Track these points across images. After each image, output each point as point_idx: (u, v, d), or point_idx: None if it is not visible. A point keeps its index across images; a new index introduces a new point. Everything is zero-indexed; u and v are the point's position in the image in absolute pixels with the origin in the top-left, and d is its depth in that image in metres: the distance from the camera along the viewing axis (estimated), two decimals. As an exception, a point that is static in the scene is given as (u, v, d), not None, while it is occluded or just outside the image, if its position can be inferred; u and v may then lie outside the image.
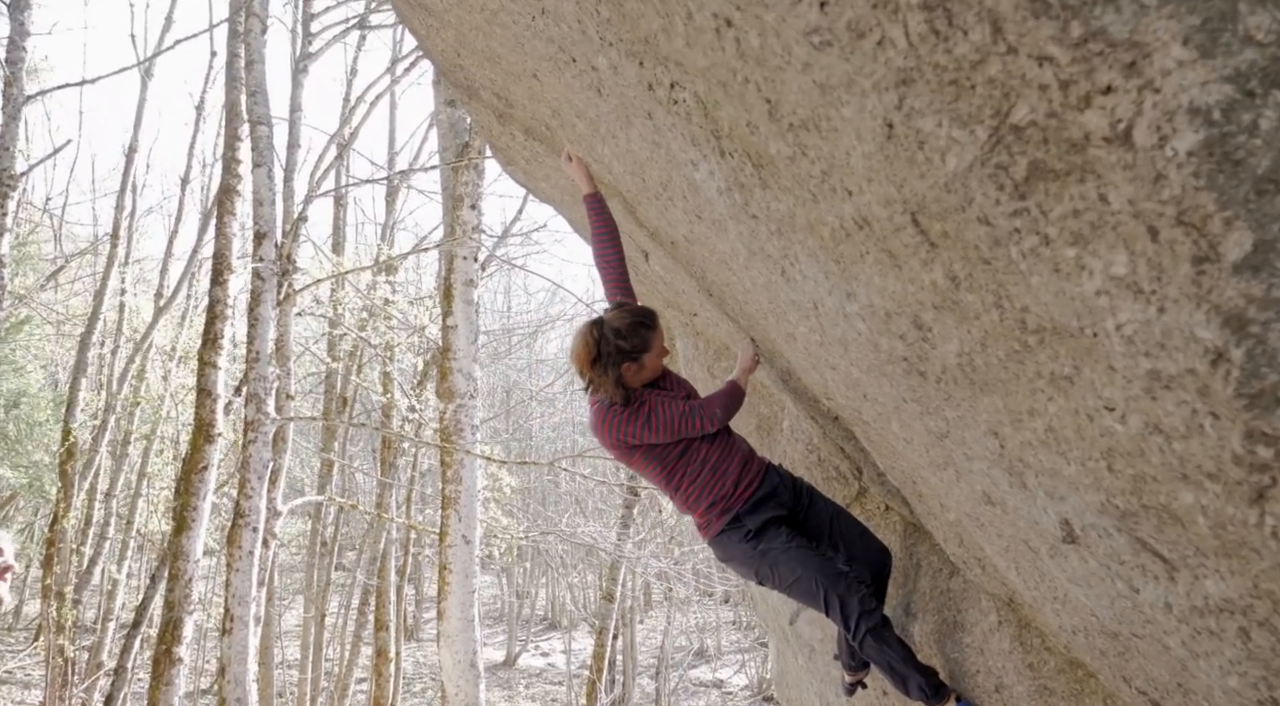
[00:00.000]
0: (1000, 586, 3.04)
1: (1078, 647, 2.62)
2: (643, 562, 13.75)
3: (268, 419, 8.84)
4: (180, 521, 9.34)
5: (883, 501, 3.88)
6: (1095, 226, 1.05)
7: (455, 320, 10.23)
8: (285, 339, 9.67)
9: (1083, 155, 1.00)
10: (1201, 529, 1.30)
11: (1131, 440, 1.26)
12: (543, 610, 31.61)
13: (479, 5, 2.86)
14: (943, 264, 1.31)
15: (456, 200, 10.37)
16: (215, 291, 9.84)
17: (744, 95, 1.42)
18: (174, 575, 9.14)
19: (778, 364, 3.32)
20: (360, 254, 15.91)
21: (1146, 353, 1.09)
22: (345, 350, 14.81)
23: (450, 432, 9.93)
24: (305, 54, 10.42)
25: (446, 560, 9.94)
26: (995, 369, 1.42)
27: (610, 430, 2.90)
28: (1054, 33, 0.92)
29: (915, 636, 3.71)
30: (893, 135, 1.17)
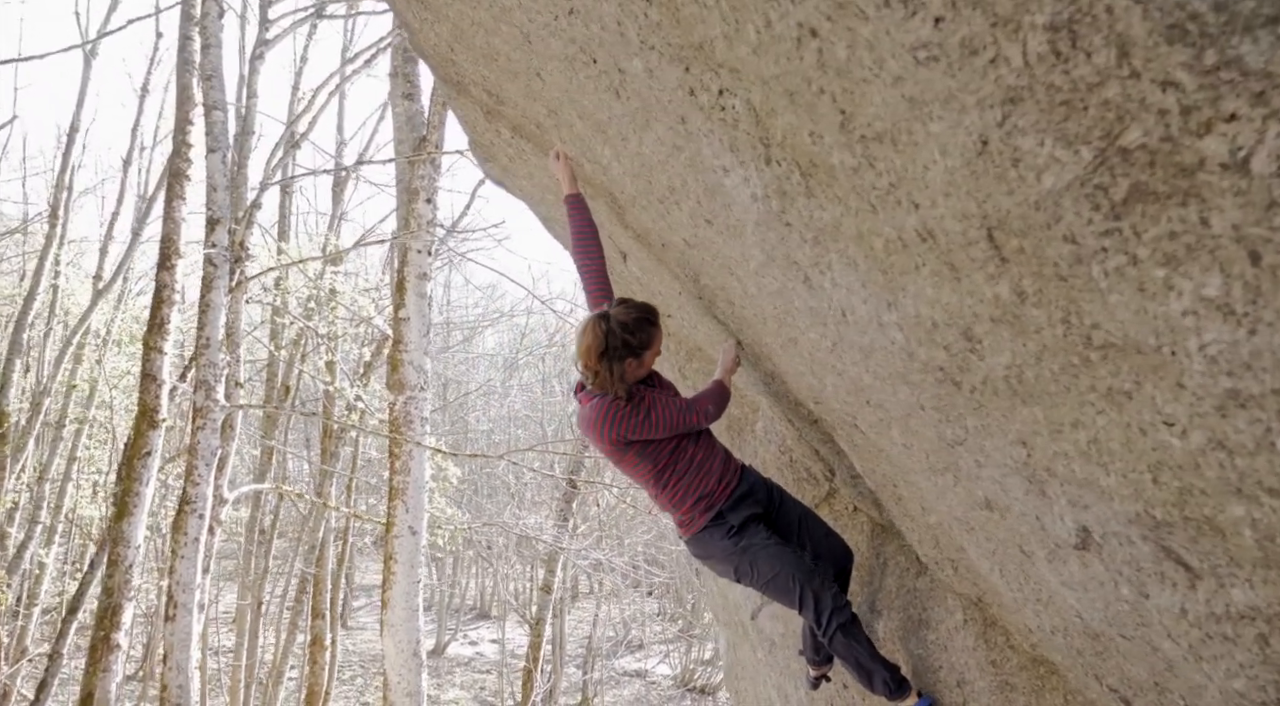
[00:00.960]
0: (971, 587, 3.09)
1: (1051, 647, 2.67)
2: (581, 554, 13.71)
3: (217, 406, 8.59)
4: (121, 506, 9.03)
5: (851, 503, 3.91)
6: (1191, 249, 1.06)
7: (408, 313, 10.06)
8: (236, 326, 9.41)
9: (1191, 179, 1.01)
10: (1246, 541, 1.32)
11: (1188, 455, 1.28)
12: (473, 600, 31.38)
13: (488, 2, 2.80)
14: (1011, 279, 1.31)
15: (412, 193, 10.19)
16: (162, 276, 9.52)
17: (815, 105, 1.41)
18: (113, 560, 8.84)
19: (762, 367, 3.32)
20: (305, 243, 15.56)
21: (1229, 372, 1.10)
22: (289, 338, 14.47)
23: (400, 424, 9.77)
24: (262, 41, 10.15)
25: (392, 550, 9.78)
26: (1046, 382, 1.43)
27: (610, 426, 2.86)
28: (1186, 59, 0.93)
29: (880, 633, 3.75)
30: (985, 151, 1.16)
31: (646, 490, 3.16)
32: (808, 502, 4.11)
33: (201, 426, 8.63)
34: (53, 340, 18.12)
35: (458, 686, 22.52)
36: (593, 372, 2.86)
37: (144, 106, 16.55)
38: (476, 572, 31.43)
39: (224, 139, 9.38)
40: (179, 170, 9.90)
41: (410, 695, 9.53)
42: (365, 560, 32.56)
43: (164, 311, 9.38)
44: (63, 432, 15.39)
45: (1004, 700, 3.20)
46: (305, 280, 12.56)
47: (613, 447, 2.94)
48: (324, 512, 14.94)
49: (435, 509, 12.70)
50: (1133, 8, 0.92)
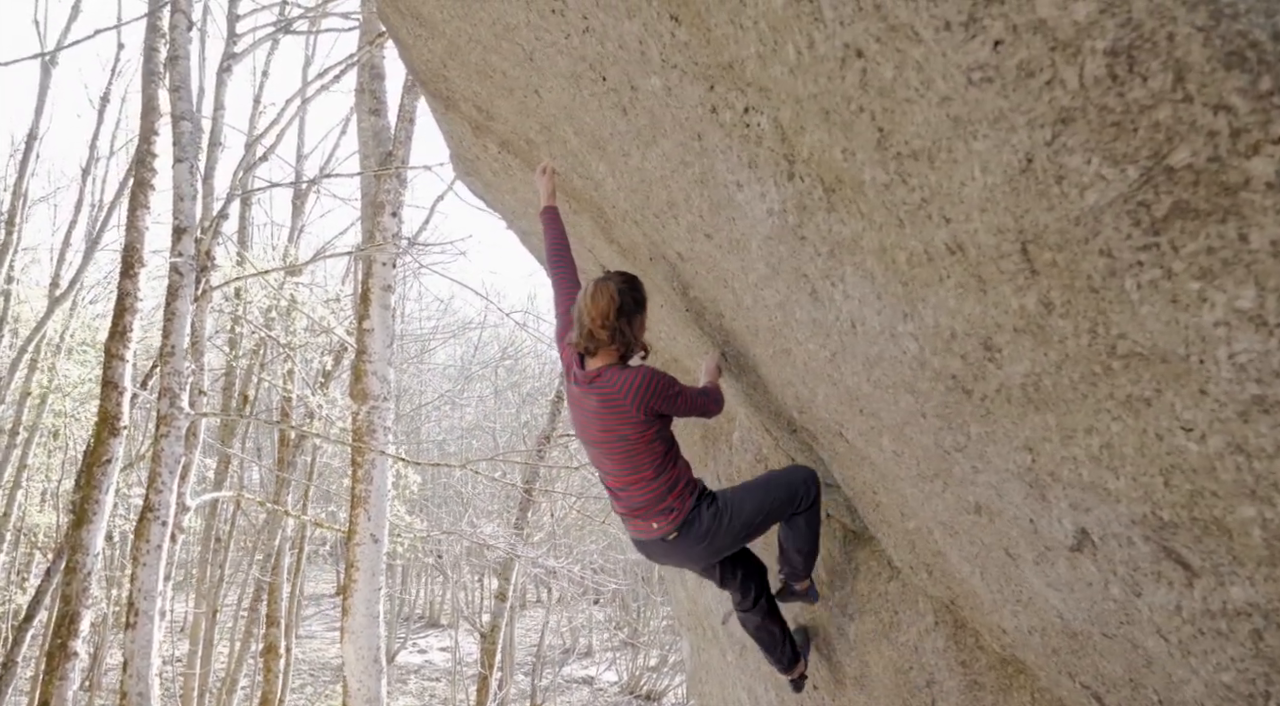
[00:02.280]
0: (945, 590, 3.13)
1: (1025, 646, 2.72)
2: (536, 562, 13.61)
3: (181, 413, 8.39)
4: (80, 514, 8.76)
5: (824, 510, 3.95)
6: (1228, 263, 1.10)
7: (372, 324, 9.96)
8: (200, 335, 9.21)
9: (1233, 197, 1.05)
10: (1254, 540, 1.37)
11: (1204, 458, 1.32)
12: (422, 609, 30.98)
13: (491, 20, 2.80)
14: (1039, 291, 1.34)
15: (377, 207, 10.10)
16: (125, 284, 9.29)
17: (852, 124, 1.43)
18: (71, 568, 8.57)
19: (746, 378, 3.34)
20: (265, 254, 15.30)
21: (1258, 379, 1.14)
22: (248, 348, 14.19)
23: (364, 433, 9.64)
24: (230, 54, 9.98)
25: (354, 558, 9.63)
26: (1064, 390, 1.46)
27: (649, 392, 2.82)
28: (1242, 84, 0.96)
29: (851, 636, 3.79)
30: (1029, 169, 1.19)
31: (641, 478, 3.01)
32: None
33: (165, 434, 8.41)
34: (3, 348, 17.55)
35: (410, 694, 22.19)
36: (610, 332, 2.81)
37: (103, 116, 16.15)
38: (426, 582, 31.04)
39: (191, 150, 9.20)
40: (143, 180, 9.68)
41: (370, 701, 9.37)
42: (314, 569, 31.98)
43: (126, 319, 9.15)
44: (15, 441, 14.89)
45: (972, 699, 3.25)
46: (266, 290, 12.34)
47: (642, 420, 2.87)
48: (281, 521, 14.65)
49: (395, 516, 12.53)
50: (1194, 35, 0.96)
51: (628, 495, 3.03)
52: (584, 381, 2.90)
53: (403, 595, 28.96)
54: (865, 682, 3.79)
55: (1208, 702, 1.87)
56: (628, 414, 2.84)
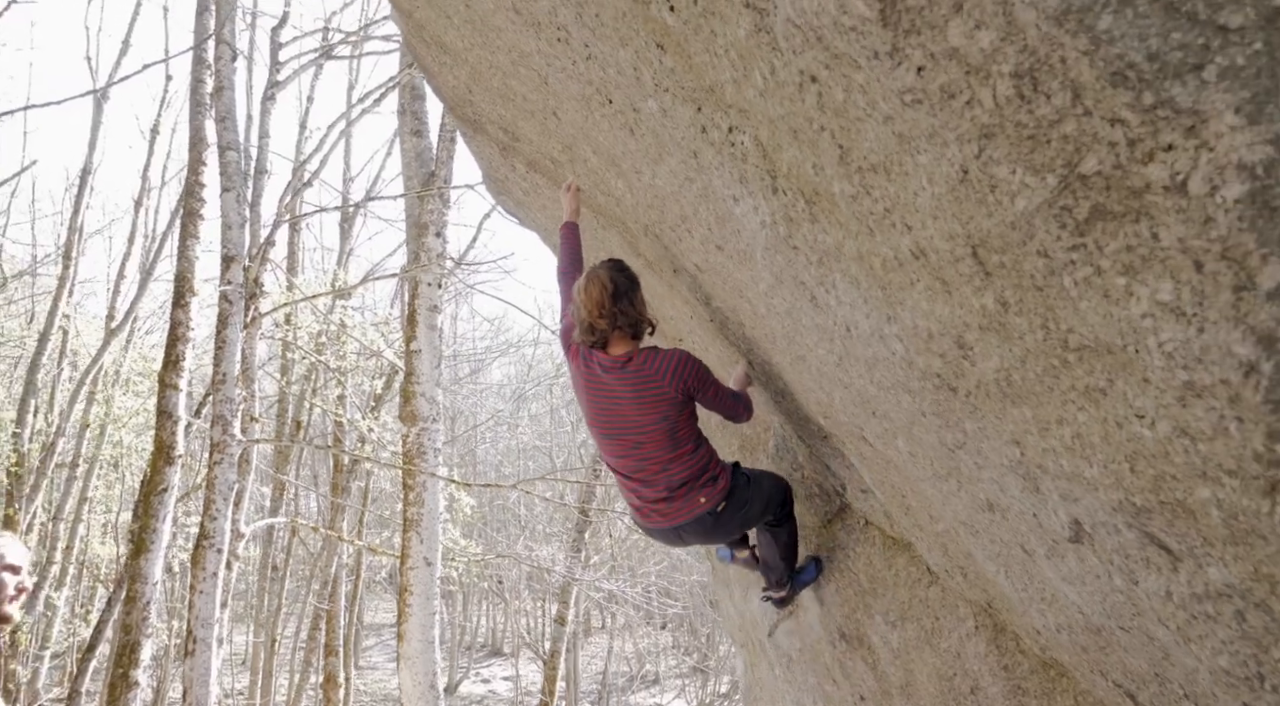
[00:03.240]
0: (980, 592, 3.24)
1: (1057, 646, 2.82)
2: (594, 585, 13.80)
3: (233, 440, 8.77)
4: (139, 544, 9.20)
5: (862, 517, 4.07)
6: (1146, 259, 1.24)
7: (419, 345, 10.27)
8: (251, 361, 9.62)
9: (1140, 200, 1.19)
10: (1214, 520, 1.49)
11: (1158, 443, 1.45)
12: (484, 637, 31.33)
13: (507, 48, 3.01)
14: (995, 291, 1.49)
15: (421, 227, 10.45)
16: (177, 313, 9.76)
17: (816, 142, 1.59)
18: (131, 597, 8.99)
19: (773, 385, 3.49)
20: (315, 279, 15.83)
21: (1185, 366, 1.27)
22: (300, 373, 14.69)
23: (414, 455, 9.95)
24: (273, 83, 10.44)
25: (408, 582, 9.91)
26: (1031, 383, 1.60)
27: (687, 369, 3.04)
28: (1129, 100, 1.11)
29: (895, 644, 3.89)
30: (966, 179, 1.35)
31: (683, 452, 3.20)
32: (819, 519, 4.28)
33: (219, 461, 8.81)
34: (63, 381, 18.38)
35: (473, 724, 22.50)
36: (610, 318, 2.98)
37: (154, 148, 16.89)
38: (488, 609, 31.40)
39: (238, 178, 9.65)
40: (193, 209, 10.17)
41: (428, 727, 9.62)
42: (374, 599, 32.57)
43: (179, 348, 9.61)
44: (75, 472, 15.58)
45: (1017, 704, 3.34)
46: (315, 315, 12.79)
47: (680, 400, 3.07)
48: (336, 548, 15.07)
49: (450, 540, 12.83)
50: (1081, 58, 1.11)
51: (668, 475, 3.18)
52: (613, 368, 3.06)
53: (464, 622, 29.35)
54: (911, 691, 3.88)
55: (1217, 690, 1.98)
56: (666, 393, 3.03)
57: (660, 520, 3.28)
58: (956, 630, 3.59)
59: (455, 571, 13.39)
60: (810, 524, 4.32)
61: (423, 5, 3.33)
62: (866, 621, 4.09)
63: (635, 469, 3.20)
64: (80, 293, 22.16)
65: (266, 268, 9.86)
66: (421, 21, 3.48)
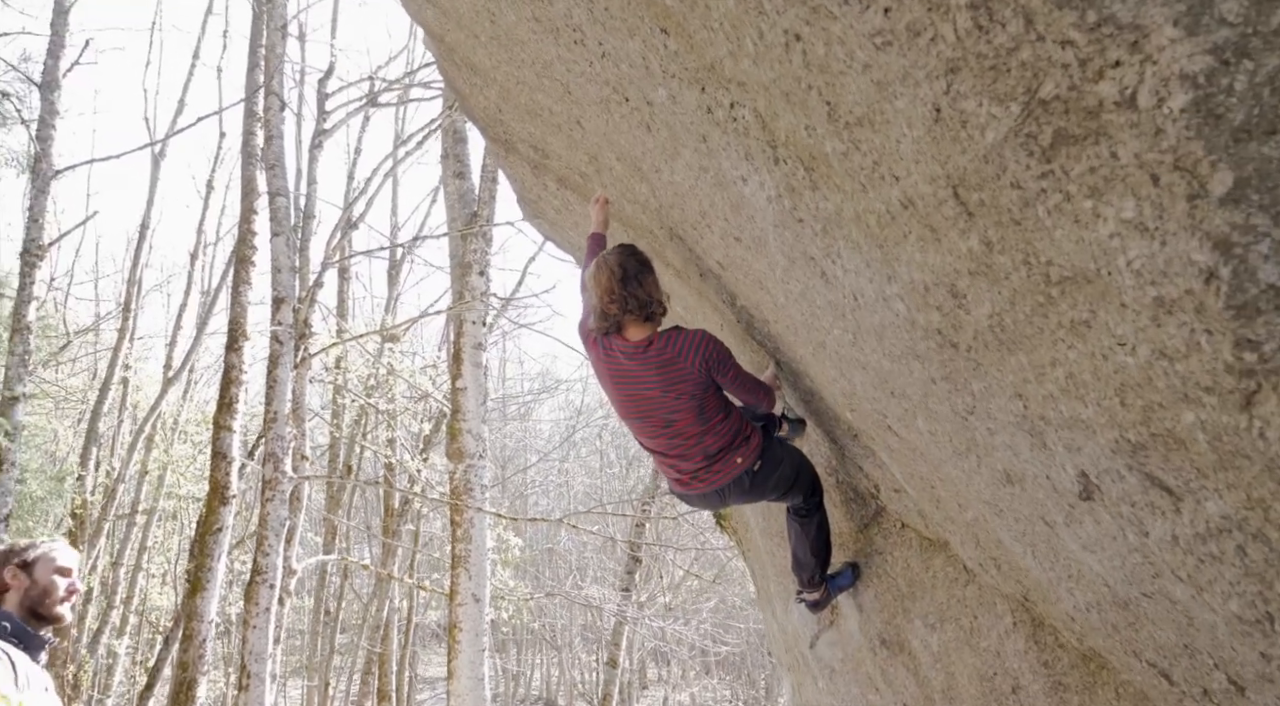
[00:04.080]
0: (1016, 584, 3.25)
1: (1091, 630, 2.83)
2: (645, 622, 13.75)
3: (285, 477, 8.99)
4: (195, 583, 9.42)
5: (899, 519, 4.09)
6: (1108, 180, 1.32)
7: (465, 382, 10.47)
8: (301, 400, 9.88)
9: (1097, 120, 1.27)
10: (1201, 446, 1.54)
11: (1141, 369, 1.51)
12: (538, 690, 31.16)
13: (530, 60, 3.17)
14: (978, 231, 1.57)
15: (465, 267, 10.70)
16: (230, 357, 10.09)
17: (806, 102, 1.70)
18: (188, 636, 9.19)
19: (801, 385, 3.57)
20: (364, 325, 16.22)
21: (1153, 281, 1.34)
22: (351, 418, 14.98)
23: (460, 492, 10.09)
24: (320, 131, 10.85)
25: (457, 618, 10.00)
26: (1022, 325, 1.67)
27: (708, 346, 3.14)
28: (1074, 20, 1.20)
29: (935, 647, 3.89)
30: (940, 118, 1.44)
31: (714, 421, 3.32)
32: (856, 525, 4.31)
33: (270, 498, 9.03)
34: (123, 433, 18.92)
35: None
36: (620, 303, 3.09)
37: (208, 203, 17.54)
38: (541, 661, 31.26)
39: (287, 223, 10.00)
40: (244, 256, 10.54)
41: (479, 764, 9.64)
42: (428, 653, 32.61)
43: (233, 391, 9.92)
44: (135, 519, 15.97)
45: (1059, 701, 3.33)
46: (365, 360, 13.10)
47: (704, 378, 3.17)
48: (387, 593, 15.22)
49: (498, 582, 12.91)
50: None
51: (703, 446, 3.30)
52: (635, 353, 3.17)
53: (517, 672, 29.26)
54: (953, 695, 3.87)
55: (1235, 644, 2.00)
56: (689, 373, 3.14)
57: (700, 486, 3.41)
58: (995, 627, 3.59)
59: (505, 613, 13.43)
60: (847, 530, 4.34)
61: (453, 28, 3.51)
62: (906, 625, 4.09)
63: (670, 447, 3.33)
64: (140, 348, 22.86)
65: (315, 309, 10.17)
66: (452, 45, 3.67)
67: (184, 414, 18.81)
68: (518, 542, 12.65)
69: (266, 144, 10.43)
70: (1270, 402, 1.36)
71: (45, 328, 15.44)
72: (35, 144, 9.42)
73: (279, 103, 10.33)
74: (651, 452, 3.47)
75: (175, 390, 18.33)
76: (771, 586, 5.22)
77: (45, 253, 9.20)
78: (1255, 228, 1.22)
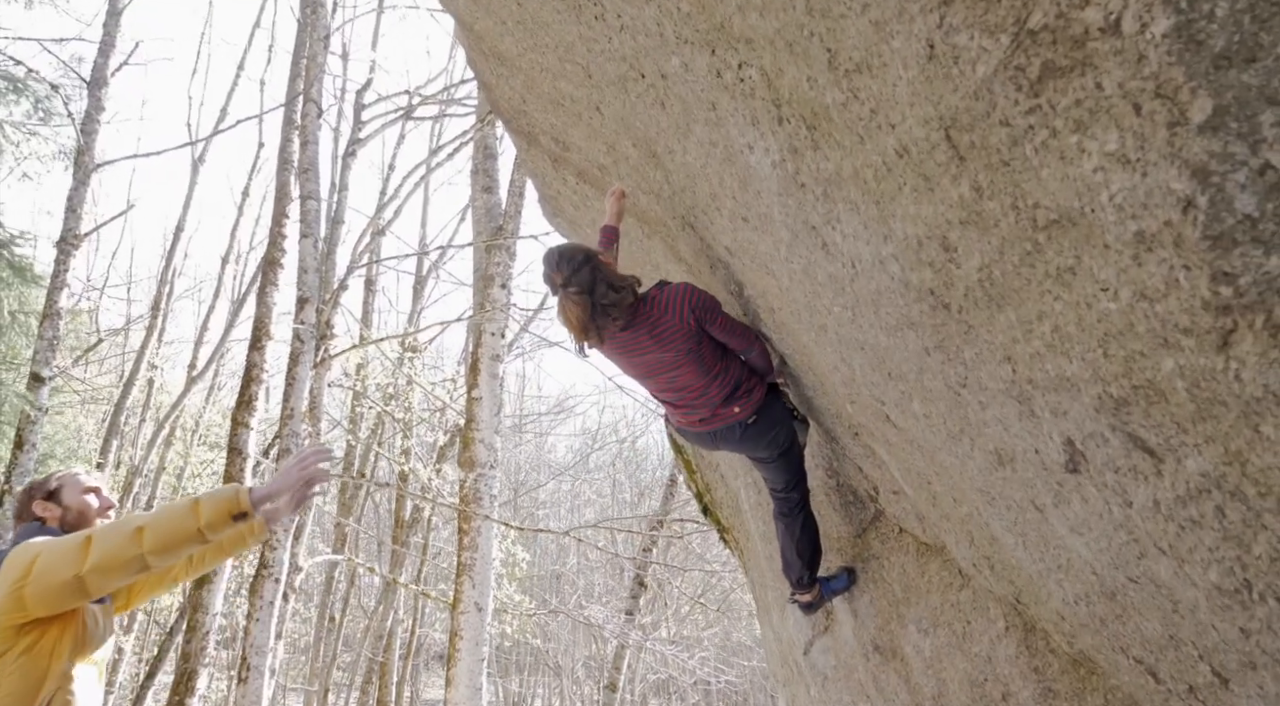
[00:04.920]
0: (1008, 585, 3.22)
1: (1080, 626, 2.80)
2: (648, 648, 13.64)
3: (297, 473, 9.03)
4: (203, 575, 9.45)
5: (896, 524, 4.07)
6: (1093, 112, 1.33)
7: (480, 392, 10.51)
8: (318, 399, 9.95)
9: (1083, 49, 1.30)
10: (1180, 396, 1.54)
11: (1123, 314, 1.52)
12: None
13: (554, 44, 3.23)
14: (969, 176, 1.59)
15: (488, 279, 10.79)
16: (253, 356, 10.20)
17: (809, 51, 1.73)
18: (192, 627, 9.21)
19: (806, 380, 3.57)
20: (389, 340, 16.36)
21: (1133, 215, 1.36)
22: (368, 427, 15.06)
23: (470, 500, 10.10)
24: (355, 139, 11.02)
25: (458, 626, 9.96)
26: (1010, 276, 1.68)
27: (696, 298, 3.22)
28: (1061, -56, 1.23)
29: (927, 653, 3.85)
30: (933, 55, 1.47)
31: (716, 371, 3.40)
32: (854, 529, 4.29)
33: (282, 493, 9.05)
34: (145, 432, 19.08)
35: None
36: (607, 315, 3.18)
37: (243, 210, 17.80)
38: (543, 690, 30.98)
39: (316, 226, 10.13)
40: (273, 259, 10.69)
41: (472, 774, 9.55)
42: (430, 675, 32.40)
43: (253, 388, 10.02)
44: (149, 515, 16.05)
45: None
46: (385, 369, 13.19)
47: (695, 329, 3.24)
48: (392, 601, 15.19)
49: (504, 595, 12.87)
50: (1016, -94, 1.24)
51: (708, 397, 3.42)
52: (627, 325, 3.26)
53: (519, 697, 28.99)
54: (943, 702, 3.82)
55: (1215, 621, 1.98)
56: (680, 327, 3.23)
57: (700, 426, 3.54)
58: (987, 632, 3.55)
59: (509, 628, 13.38)
60: (845, 535, 4.32)
61: (482, 15, 3.59)
62: (900, 631, 4.05)
63: (679, 397, 3.46)
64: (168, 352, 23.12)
65: (338, 312, 10.26)
66: (481, 33, 3.74)
67: (206, 417, 18.96)
68: (525, 557, 12.62)
69: (302, 149, 10.60)
70: (1246, 342, 1.37)
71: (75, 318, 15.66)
72: (80, 137, 9.61)
73: (316, 109, 10.51)
74: (665, 403, 3.61)
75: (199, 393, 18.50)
76: (770, 595, 5.19)
77: (81, 242, 9.37)
78: (1233, 156, 1.24)
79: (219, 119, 16.87)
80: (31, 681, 2.51)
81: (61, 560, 2.45)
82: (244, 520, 2.61)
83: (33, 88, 9.89)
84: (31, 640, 2.52)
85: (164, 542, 2.50)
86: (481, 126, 10.27)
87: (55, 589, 2.44)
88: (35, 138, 10.45)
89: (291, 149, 11.10)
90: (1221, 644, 2.07)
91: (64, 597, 2.47)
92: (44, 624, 2.54)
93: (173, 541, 2.51)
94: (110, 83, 10.26)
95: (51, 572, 2.44)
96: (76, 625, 2.63)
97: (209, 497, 2.60)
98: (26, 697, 2.50)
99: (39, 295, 10.47)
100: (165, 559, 2.53)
